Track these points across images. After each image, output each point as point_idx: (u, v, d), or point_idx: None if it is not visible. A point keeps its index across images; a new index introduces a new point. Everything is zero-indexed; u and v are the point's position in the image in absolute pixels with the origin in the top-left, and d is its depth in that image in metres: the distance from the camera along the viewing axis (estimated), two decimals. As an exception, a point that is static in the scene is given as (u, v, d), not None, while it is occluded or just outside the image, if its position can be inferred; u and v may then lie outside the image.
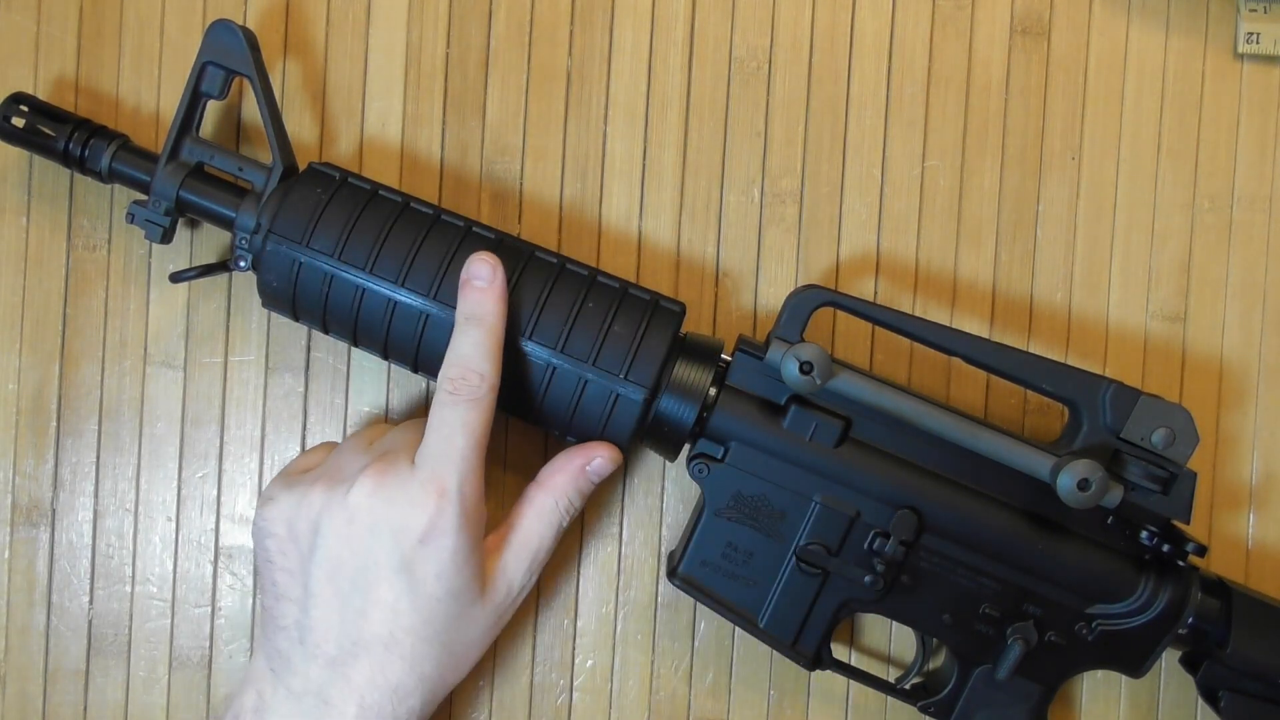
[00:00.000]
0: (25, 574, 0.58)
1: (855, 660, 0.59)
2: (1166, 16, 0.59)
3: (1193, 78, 0.59)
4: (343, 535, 0.48)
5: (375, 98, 0.58)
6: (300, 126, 0.58)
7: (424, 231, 0.51)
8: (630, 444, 0.52)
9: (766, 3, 0.58)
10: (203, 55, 0.52)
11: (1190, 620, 0.52)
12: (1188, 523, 0.52)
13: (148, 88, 0.57)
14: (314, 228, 0.50)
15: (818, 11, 0.58)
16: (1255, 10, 0.58)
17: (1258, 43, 0.59)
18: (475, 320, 0.49)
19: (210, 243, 0.58)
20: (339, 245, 0.50)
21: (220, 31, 0.51)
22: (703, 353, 0.52)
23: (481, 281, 0.49)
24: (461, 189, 0.58)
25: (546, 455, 0.53)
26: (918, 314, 0.57)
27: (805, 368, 0.50)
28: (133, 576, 0.58)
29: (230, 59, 0.52)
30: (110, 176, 0.53)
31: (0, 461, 0.57)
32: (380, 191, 0.52)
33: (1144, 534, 0.52)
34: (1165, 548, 0.51)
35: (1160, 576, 0.52)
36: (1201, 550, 0.51)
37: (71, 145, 0.52)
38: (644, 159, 0.58)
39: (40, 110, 0.53)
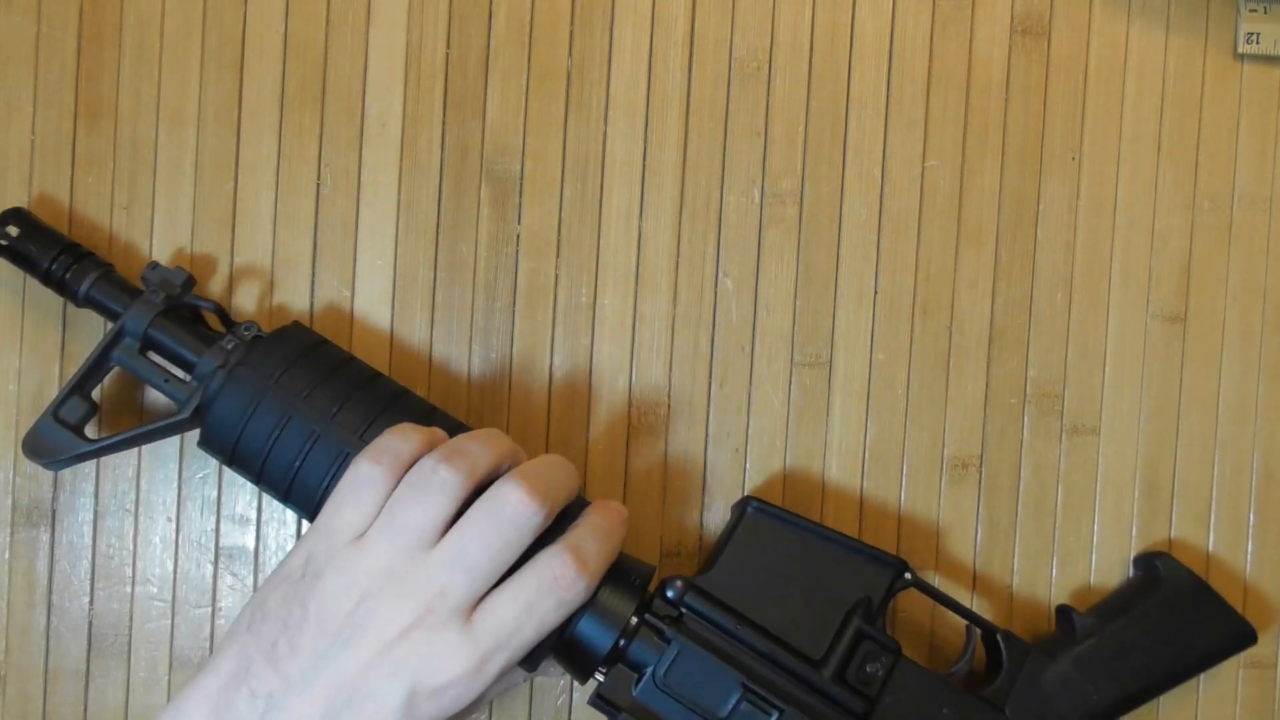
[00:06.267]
0: (25, 574, 0.58)
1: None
2: (1166, 16, 0.59)
3: (1193, 78, 0.59)
4: (362, 654, 0.45)
5: (375, 98, 0.58)
6: (300, 126, 0.58)
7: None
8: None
9: (766, 3, 0.58)
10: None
11: None
12: None
13: (148, 88, 0.57)
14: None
15: (818, 11, 0.59)
16: (1255, 10, 0.58)
17: (1258, 43, 0.59)
18: (607, 534, 0.48)
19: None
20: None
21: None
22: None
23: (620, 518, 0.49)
24: (461, 189, 0.58)
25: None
26: (917, 314, 0.57)
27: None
28: (133, 577, 0.58)
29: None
30: (85, 303, 0.53)
31: (0, 462, 0.58)
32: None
33: None
34: None
35: None
36: None
37: (54, 267, 0.53)
38: (644, 159, 0.58)
39: (33, 229, 0.53)
